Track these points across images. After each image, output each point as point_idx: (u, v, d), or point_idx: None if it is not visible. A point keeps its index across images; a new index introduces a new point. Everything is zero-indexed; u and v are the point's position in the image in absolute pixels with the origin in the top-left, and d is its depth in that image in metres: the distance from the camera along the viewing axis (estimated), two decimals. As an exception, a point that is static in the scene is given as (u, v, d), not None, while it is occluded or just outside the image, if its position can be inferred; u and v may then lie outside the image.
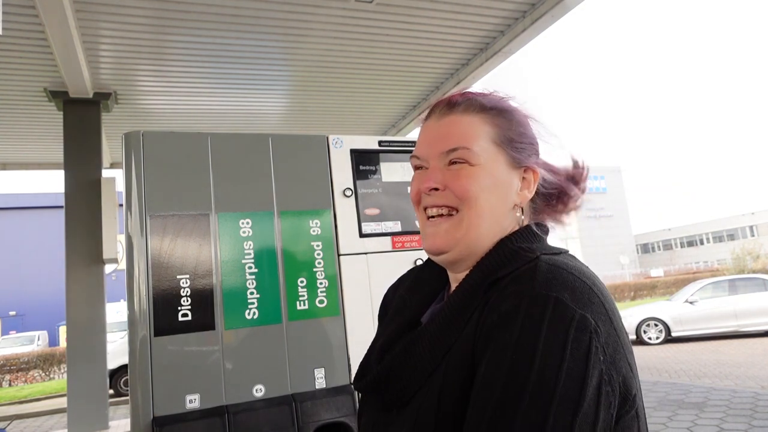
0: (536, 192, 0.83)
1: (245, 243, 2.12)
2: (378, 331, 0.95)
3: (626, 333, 0.71)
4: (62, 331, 20.10)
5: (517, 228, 0.81)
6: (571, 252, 0.80)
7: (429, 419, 0.70)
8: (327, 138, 2.37)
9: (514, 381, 0.61)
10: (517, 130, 0.82)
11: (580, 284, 0.68)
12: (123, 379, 11.07)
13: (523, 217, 0.82)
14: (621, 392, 0.65)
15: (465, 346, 0.71)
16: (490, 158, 0.79)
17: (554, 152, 0.87)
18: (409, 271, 1.01)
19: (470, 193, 0.78)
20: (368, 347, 0.92)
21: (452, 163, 0.79)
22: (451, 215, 0.79)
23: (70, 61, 3.97)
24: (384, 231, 2.36)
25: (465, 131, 0.80)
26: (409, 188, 0.91)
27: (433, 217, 0.81)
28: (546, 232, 0.84)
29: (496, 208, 0.79)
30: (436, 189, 0.80)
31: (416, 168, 0.85)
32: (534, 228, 0.81)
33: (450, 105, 0.83)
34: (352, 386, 0.89)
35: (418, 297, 0.90)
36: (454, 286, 0.85)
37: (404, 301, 0.91)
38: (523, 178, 0.82)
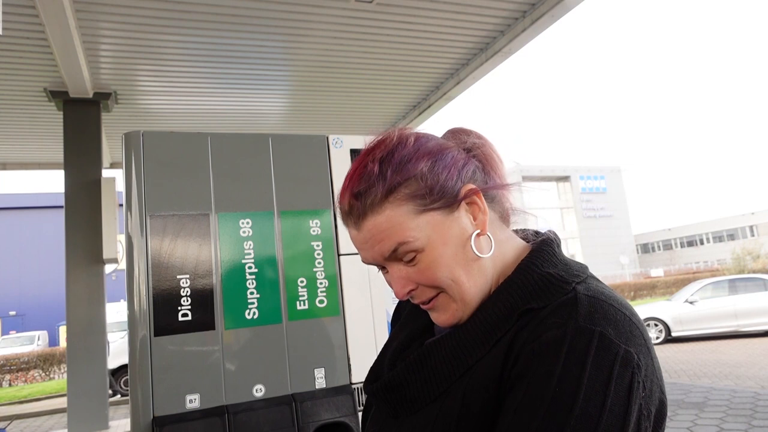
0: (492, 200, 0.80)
1: (245, 243, 2.12)
2: (390, 335, 0.95)
3: (658, 360, 0.71)
4: (62, 331, 20.10)
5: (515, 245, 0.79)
6: (564, 254, 0.80)
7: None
8: (327, 138, 2.37)
9: (557, 412, 0.61)
10: (426, 180, 0.74)
11: (622, 317, 0.67)
12: (123, 379, 11.07)
13: (492, 237, 0.77)
14: (655, 423, 0.66)
15: (491, 369, 0.70)
16: (427, 230, 0.73)
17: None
18: None
19: (442, 277, 0.74)
20: (380, 351, 0.92)
21: (402, 259, 0.75)
22: (439, 296, 0.76)
23: (70, 61, 3.97)
24: (384, 231, 2.35)
25: (388, 227, 0.73)
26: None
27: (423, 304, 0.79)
28: (559, 243, 0.82)
29: (467, 257, 0.75)
30: (413, 290, 0.76)
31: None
32: (550, 242, 0.79)
33: (356, 214, 0.75)
34: (363, 388, 0.88)
35: None
36: None
37: (417, 308, 0.90)
38: (468, 204, 0.76)
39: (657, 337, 11.94)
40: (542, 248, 0.78)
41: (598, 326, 0.65)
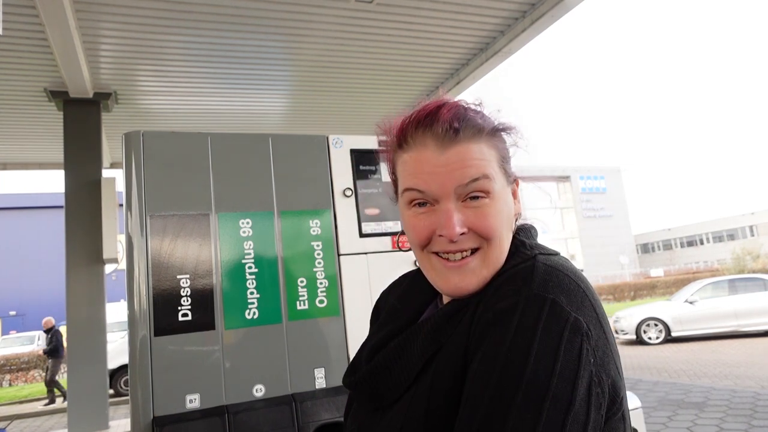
0: None
1: (245, 243, 2.12)
2: (369, 334, 0.95)
3: (614, 337, 0.72)
4: (62, 330, 20.09)
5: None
6: (565, 254, 0.81)
7: (419, 416, 0.70)
8: (327, 138, 2.37)
9: (508, 379, 0.62)
10: (507, 146, 0.80)
11: (575, 287, 0.69)
12: (123, 379, 11.08)
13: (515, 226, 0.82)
14: (610, 394, 0.66)
15: (458, 342, 0.71)
16: (500, 184, 0.76)
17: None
18: (401, 277, 1.00)
19: (497, 231, 0.74)
20: (358, 349, 0.92)
21: (469, 197, 0.73)
22: (473, 254, 0.75)
23: (70, 61, 3.97)
24: (384, 231, 2.36)
25: (480, 158, 0.73)
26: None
27: (453, 259, 0.75)
28: (536, 234, 0.84)
29: (508, 232, 0.78)
30: (462, 234, 0.73)
31: (412, 202, 0.77)
32: (531, 227, 0.84)
33: (452, 132, 0.73)
34: (342, 382, 0.88)
35: (410, 305, 0.89)
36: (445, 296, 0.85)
37: (395, 310, 0.90)
38: (511, 190, 0.81)
39: (657, 337, 11.94)
40: (524, 225, 0.83)
41: (551, 294, 0.66)
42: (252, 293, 2.09)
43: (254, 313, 2.08)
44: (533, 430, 0.58)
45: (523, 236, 0.80)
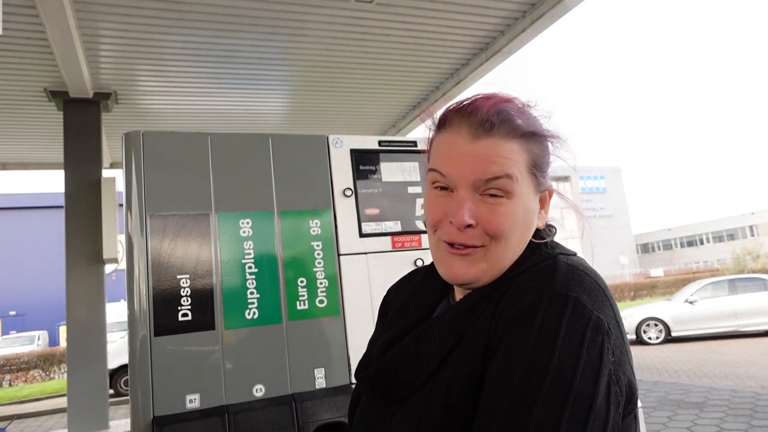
0: None
1: (245, 243, 2.12)
2: (378, 330, 0.94)
3: (627, 338, 0.73)
4: (62, 330, 20.10)
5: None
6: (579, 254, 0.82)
7: (437, 411, 0.70)
8: (327, 138, 2.37)
9: (533, 374, 0.62)
10: (546, 154, 0.79)
11: (596, 287, 0.70)
12: (123, 379, 11.08)
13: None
14: (626, 393, 0.67)
15: (477, 338, 0.71)
16: (524, 188, 0.75)
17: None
18: (411, 273, 0.99)
19: (504, 232, 0.74)
20: (368, 346, 0.91)
21: (487, 193, 0.73)
22: (477, 247, 0.75)
23: (70, 61, 3.97)
24: (384, 231, 2.35)
25: (507, 157, 0.73)
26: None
27: (456, 246, 0.76)
28: (555, 232, 0.85)
29: (522, 238, 0.77)
30: (470, 226, 0.74)
31: (434, 183, 0.78)
32: (552, 228, 0.84)
33: (488, 125, 0.73)
34: (354, 377, 0.88)
35: (422, 301, 0.88)
36: (458, 291, 0.85)
37: (407, 306, 0.89)
38: (540, 198, 0.80)
39: (657, 337, 11.94)
40: (548, 226, 0.83)
41: (574, 292, 0.67)
42: (252, 293, 2.09)
43: (254, 313, 2.08)
44: (557, 426, 0.59)
45: (544, 234, 0.81)
